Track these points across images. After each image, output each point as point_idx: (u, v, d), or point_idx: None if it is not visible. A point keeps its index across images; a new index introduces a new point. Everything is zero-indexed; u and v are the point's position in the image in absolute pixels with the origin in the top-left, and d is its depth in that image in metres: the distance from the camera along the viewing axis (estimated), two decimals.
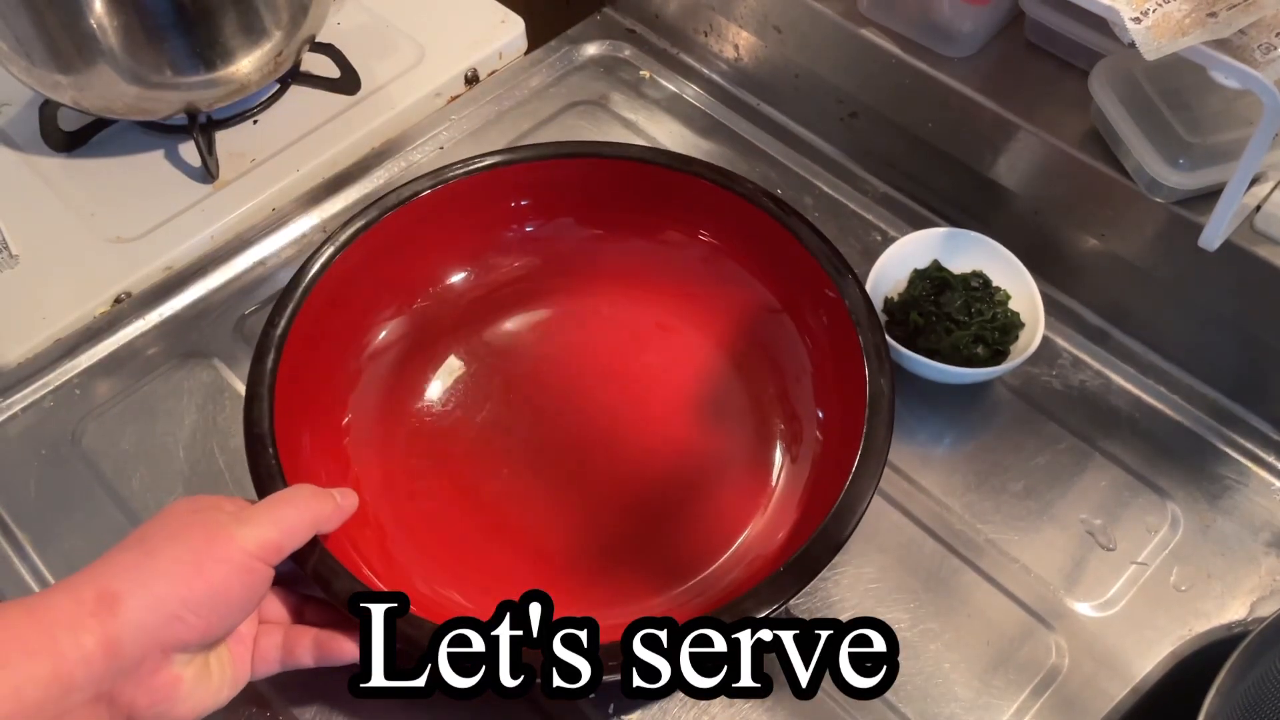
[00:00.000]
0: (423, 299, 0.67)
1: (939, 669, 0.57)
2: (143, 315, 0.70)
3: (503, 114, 0.81)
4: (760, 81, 0.82)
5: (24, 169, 0.76)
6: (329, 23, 0.83)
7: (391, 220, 0.63)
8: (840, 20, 0.72)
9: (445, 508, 0.61)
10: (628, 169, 0.66)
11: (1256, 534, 0.62)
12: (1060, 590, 0.60)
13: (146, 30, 0.67)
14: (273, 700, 0.55)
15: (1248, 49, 0.49)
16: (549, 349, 0.67)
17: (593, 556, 0.59)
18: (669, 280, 0.68)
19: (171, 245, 0.72)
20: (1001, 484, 0.63)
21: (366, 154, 0.79)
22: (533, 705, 0.56)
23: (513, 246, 0.69)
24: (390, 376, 0.64)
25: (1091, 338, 0.69)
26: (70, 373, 0.67)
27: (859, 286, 0.60)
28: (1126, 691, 0.57)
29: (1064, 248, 0.70)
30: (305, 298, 0.60)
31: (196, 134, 0.74)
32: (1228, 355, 0.66)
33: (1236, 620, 0.59)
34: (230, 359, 0.68)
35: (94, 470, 0.63)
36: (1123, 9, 0.49)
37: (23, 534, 0.61)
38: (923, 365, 0.63)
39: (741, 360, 0.66)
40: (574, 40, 0.86)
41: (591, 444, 0.63)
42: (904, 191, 0.77)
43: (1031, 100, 0.67)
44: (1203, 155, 0.60)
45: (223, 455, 0.64)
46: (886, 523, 0.62)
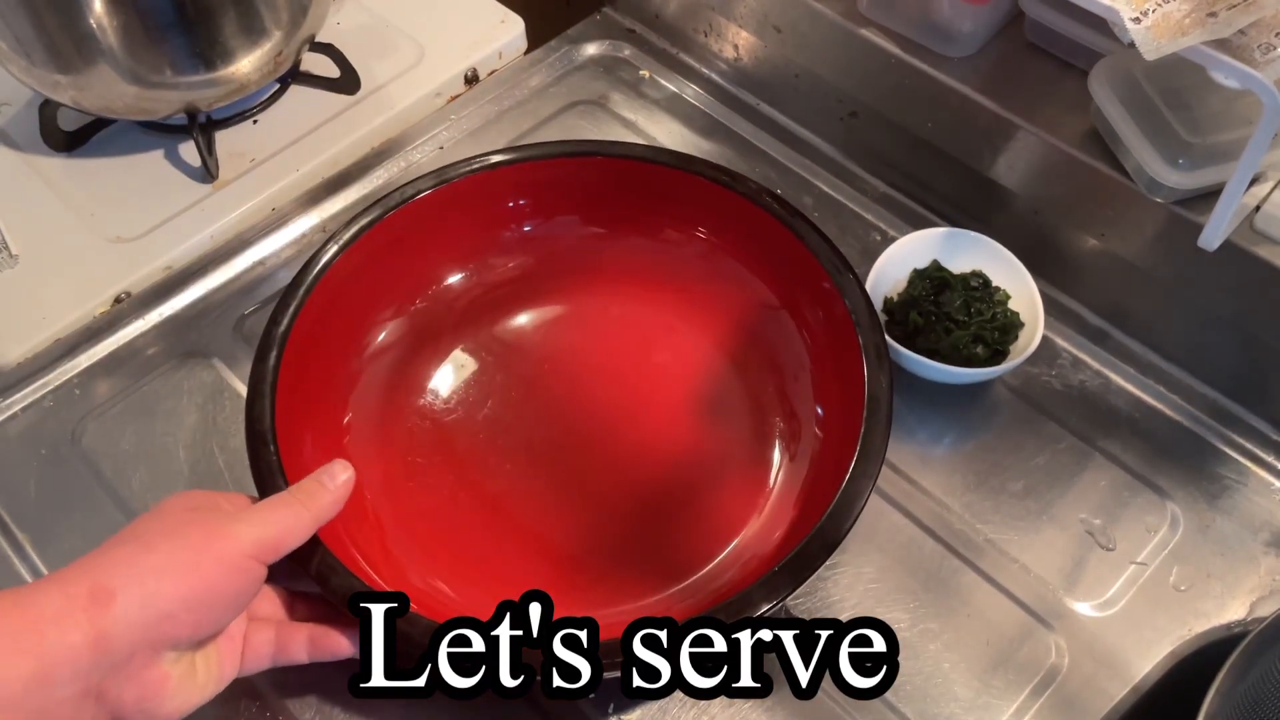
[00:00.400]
0: (422, 299, 0.67)
1: (938, 669, 0.57)
2: (143, 315, 0.70)
3: (502, 114, 0.81)
4: (760, 81, 0.82)
5: (24, 169, 0.76)
6: (329, 22, 0.83)
7: (393, 220, 0.63)
8: (840, 20, 0.72)
9: (445, 505, 0.61)
10: (628, 168, 0.66)
11: (1256, 534, 0.62)
12: (1060, 590, 0.60)
13: (146, 30, 0.67)
14: (272, 699, 0.55)
15: (1248, 49, 0.49)
16: (548, 348, 0.67)
17: (591, 554, 0.59)
18: (669, 279, 0.68)
19: (171, 245, 0.72)
20: (1001, 484, 0.63)
21: (366, 154, 0.79)
22: (533, 705, 0.56)
23: (512, 246, 0.69)
24: (391, 375, 0.64)
25: (1091, 338, 0.69)
26: (70, 373, 0.67)
27: (859, 286, 0.60)
28: (1126, 691, 0.57)
29: (1064, 248, 0.70)
30: (308, 297, 0.60)
31: (196, 134, 0.74)
32: (1227, 355, 0.66)
33: (1236, 620, 0.59)
34: (230, 359, 0.68)
35: (94, 470, 0.63)
36: (1122, 9, 0.49)
37: (22, 534, 0.61)
38: (922, 365, 0.63)
39: (741, 358, 0.66)
40: (574, 40, 0.86)
41: (591, 442, 0.63)
42: (903, 191, 0.77)
43: (1031, 100, 0.67)
44: (1202, 155, 0.60)
45: (222, 455, 0.64)
46: (886, 523, 0.62)
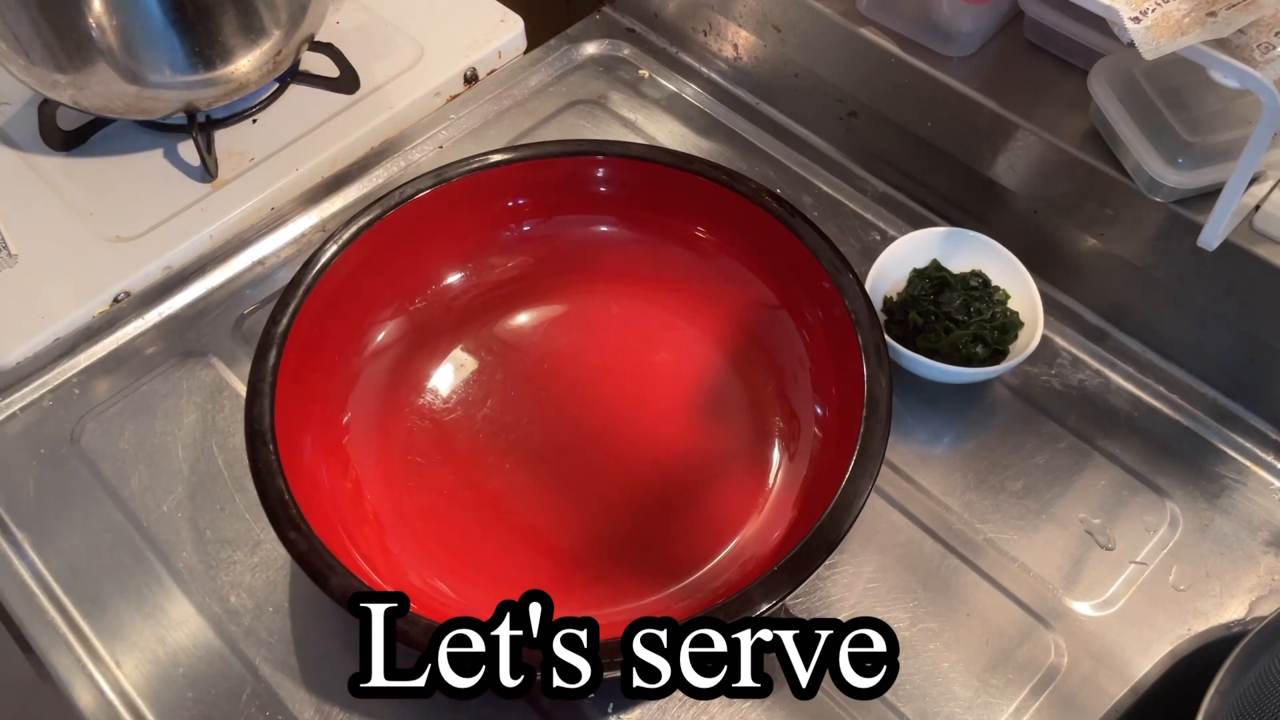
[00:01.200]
0: (422, 298, 0.67)
1: (938, 668, 0.57)
2: (142, 315, 0.70)
3: (502, 113, 0.81)
4: (760, 81, 0.82)
5: (23, 168, 0.76)
6: (328, 22, 0.83)
7: (392, 219, 0.63)
8: (840, 20, 0.72)
9: (445, 505, 0.61)
10: (627, 168, 0.66)
11: (1255, 533, 0.62)
12: (1059, 589, 0.60)
13: (145, 29, 0.67)
14: (272, 699, 0.55)
15: (1247, 49, 0.49)
16: (547, 347, 0.67)
17: (590, 554, 0.59)
18: (668, 278, 0.68)
19: (171, 244, 0.72)
20: (1000, 483, 0.63)
21: (366, 153, 0.79)
22: (533, 705, 0.56)
23: (511, 245, 0.69)
24: (390, 375, 0.64)
25: (1091, 337, 0.69)
26: (69, 372, 0.67)
27: (859, 285, 0.60)
28: (1125, 691, 0.57)
29: (1063, 247, 0.70)
30: (307, 296, 0.60)
31: (195, 133, 0.74)
32: (1227, 355, 0.66)
33: (1235, 619, 0.59)
34: (230, 358, 0.68)
35: (93, 470, 0.63)
36: (1122, 9, 0.49)
37: (22, 533, 0.61)
38: (922, 364, 0.63)
39: (740, 358, 0.66)
40: (573, 39, 0.86)
41: (590, 441, 0.63)
42: (903, 191, 0.77)
43: (1031, 99, 0.67)
44: (1202, 155, 0.60)
45: (222, 454, 0.64)
46: (885, 522, 0.62)
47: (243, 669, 0.56)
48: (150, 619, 0.58)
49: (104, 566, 0.60)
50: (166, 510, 0.62)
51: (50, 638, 0.57)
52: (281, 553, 0.59)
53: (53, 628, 0.58)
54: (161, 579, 0.59)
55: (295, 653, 0.57)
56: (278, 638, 0.57)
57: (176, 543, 0.60)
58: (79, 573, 0.59)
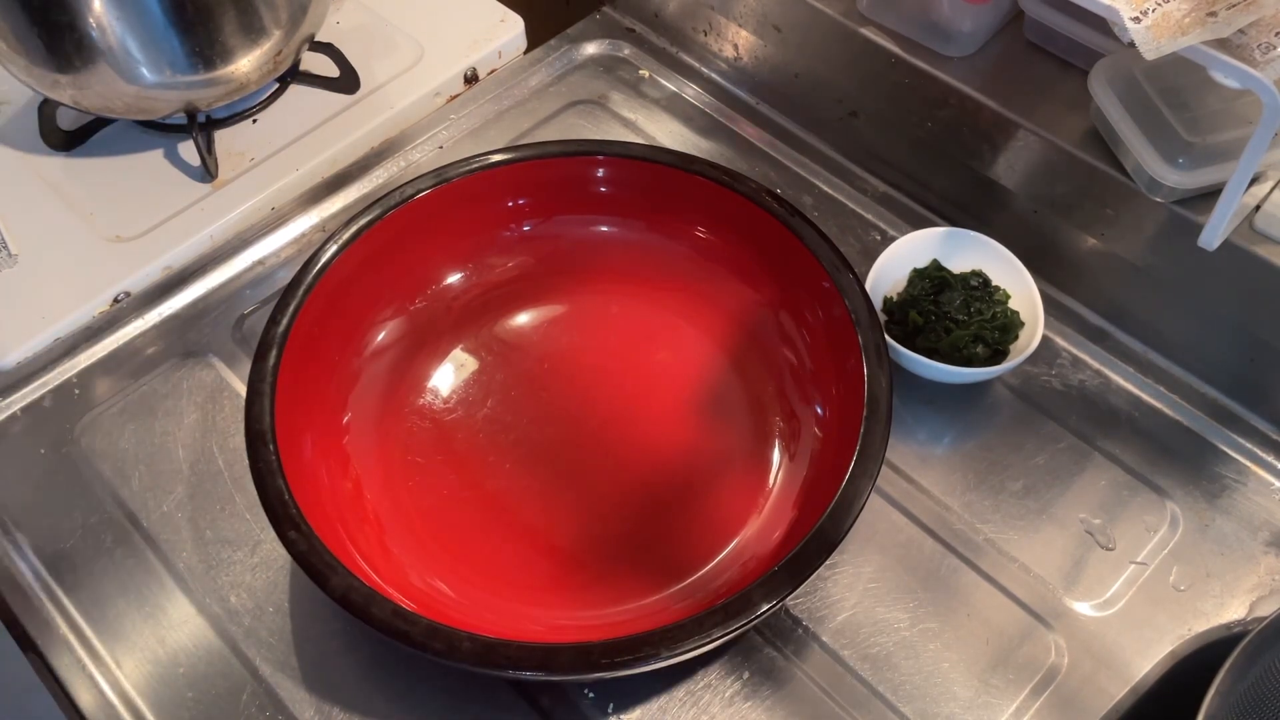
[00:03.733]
0: (422, 298, 0.67)
1: (938, 668, 0.57)
2: (142, 315, 0.70)
3: (502, 113, 0.81)
4: (760, 81, 0.82)
5: (23, 168, 0.76)
6: (328, 22, 0.83)
7: (392, 219, 0.63)
8: (840, 20, 0.72)
9: (445, 504, 0.61)
10: (628, 168, 0.66)
11: (1255, 533, 0.62)
12: (1059, 590, 0.60)
13: (145, 29, 0.67)
14: (272, 699, 0.55)
15: (1248, 49, 0.49)
16: (547, 347, 0.67)
17: (590, 554, 0.59)
18: (668, 279, 0.68)
19: (171, 245, 0.72)
20: (1001, 483, 0.63)
21: (366, 153, 0.78)
22: (533, 705, 0.56)
23: (511, 245, 0.69)
24: (390, 375, 0.64)
25: (1091, 337, 0.69)
26: (70, 372, 0.67)
27: (859, 285, 0.60)
28: (1126, 691, 0.57)
29: (1063, 247, 0.70)
30: (307, 296, 0.60)
31: (196, 133, 0.74)
32: (1227, 355, 0.66)
33: (1236, 620, 0.59)
34: (230, 358, 0.68)
35: (93, 470, 0.63)
36: (1122, 8, 0.49)
37: (21, 534, 0.61)
38: (922, 365, 0.63)
39: (741, 358, 0.66)
40: (573, 39, 0.86)
41: (590, 441, 0.63)
42: (903, 191, 0.77)
43: (1031, 99, 0.67)
44: (1202, 155, 0.60)
45: (222, 454, 0.64)
46: (886, 522, 0.62)
47: (243, 669, 0.56)
48: (150, 619, 0.58)
49: (104, 566, 0.60)
50: (166, 510, 0.62)
51: (50, 638, 0.57)
52: (281, 553, 0.59)
53: (53, 628, 0.58)
54: (161, 579, 0.59)
55: (295, 653, 0.57)
56: (278, 638, 0.57)
57: (176, 543, 0.60)
58: (79, 573, 0.59)
